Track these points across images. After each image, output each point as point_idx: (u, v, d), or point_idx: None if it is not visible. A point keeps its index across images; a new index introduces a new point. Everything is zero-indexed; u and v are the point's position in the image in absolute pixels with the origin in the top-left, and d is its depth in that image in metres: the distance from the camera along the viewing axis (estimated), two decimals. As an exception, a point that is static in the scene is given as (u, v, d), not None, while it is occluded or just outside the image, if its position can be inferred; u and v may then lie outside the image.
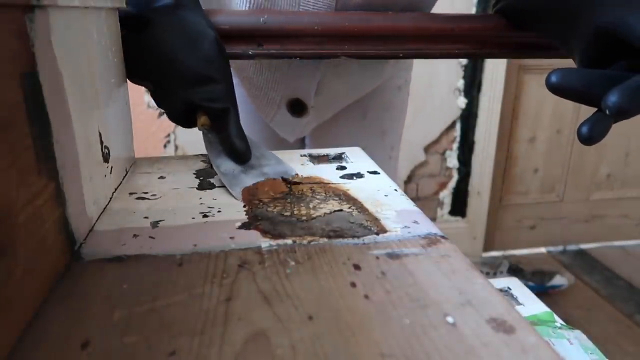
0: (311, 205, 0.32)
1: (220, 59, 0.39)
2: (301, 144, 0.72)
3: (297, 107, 0.60)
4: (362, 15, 0.47)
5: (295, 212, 0.31)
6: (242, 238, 0.27)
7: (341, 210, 0.32)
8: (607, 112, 0.30)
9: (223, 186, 0.36)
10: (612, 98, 0.30)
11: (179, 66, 0.37)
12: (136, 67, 0.39)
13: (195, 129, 0.40)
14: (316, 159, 0.43)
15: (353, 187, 0.35)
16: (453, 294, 0.22)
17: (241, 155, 0.38)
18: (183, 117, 0.39)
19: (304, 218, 0.30)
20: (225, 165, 0.37)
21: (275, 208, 0.32)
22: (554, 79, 0.33)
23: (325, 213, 0.31)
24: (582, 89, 0.33)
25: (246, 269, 0.24)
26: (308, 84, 0.57)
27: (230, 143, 0.37)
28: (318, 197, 0.34)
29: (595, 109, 0.33)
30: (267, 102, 0.61)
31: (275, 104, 0.61)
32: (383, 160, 0.68)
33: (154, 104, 1.38)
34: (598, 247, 1.88)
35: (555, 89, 0.33)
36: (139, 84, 0.41)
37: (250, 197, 0.33)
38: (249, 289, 0.22)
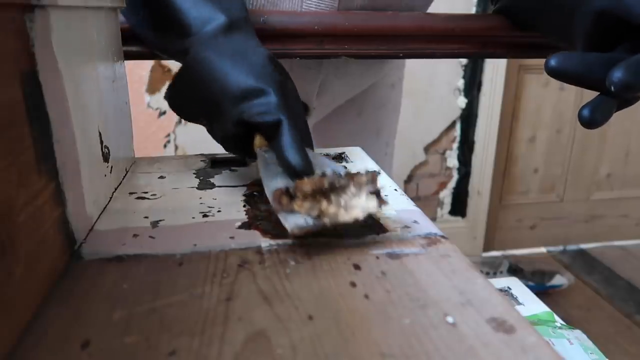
0: (342, 203, 0.27)
1: (271, 69, 0.34)
2: None
3: None
4: (362, 15, 0.47)
5: (323, 209, 0.26)
6: (242, 238, 0.27)
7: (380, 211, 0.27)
8: (613, 88, 0.29)
9: (223, 186, 0.36)
10: (617, 74, 0.29)
11: (223, 82, 0.33)
12: (185, 100, 0.36)
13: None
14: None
15: (353, 187, 0.35)
16: (453, 293, 0.22)
17: (297, 170, 0.30)
18: (237, 141, 0.34)
19: (326, 220, 0.26)
20: (275, 183, 0.29)
21: (302, 207, 0.26)
22: (553, 62, 0.32)
23: (357, 218, 0.26)
24: (583, 72, 0.32)
25: (246, 268, 0.24)
26: (310, 86, 0.57)
27: (283, 158, 0.30)
28: (349, 191, 0.27)
29: (597, 94, 0.33)
30: None
31: None
32: (379, 157, 0.68)
33: (154, 104, 1.39)
34: (598, 247, 1.88)
35: (555, 72, 0.33)
36: (194, 122, 0.37)
37: (282, 197, 0.27)
38: (249, 289, 0.22)
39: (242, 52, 0.35)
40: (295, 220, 0.26)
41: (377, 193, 0.27)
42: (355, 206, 0.26)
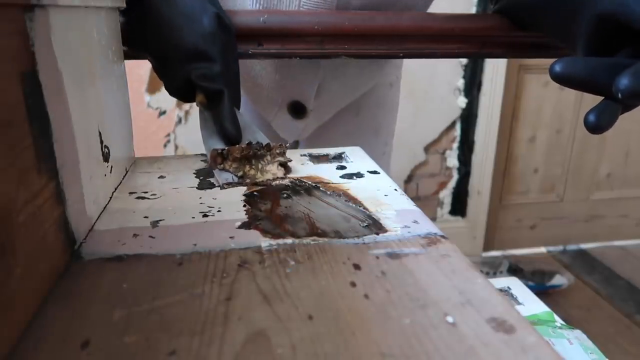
0: (259, 167, 0.36)
1: (220, 37, 0.39)
2: (295, 143, 0.72)
3: (297, 110, 0.60)
4: (362, 14, 0.47)
5: (246, 171, 0.36)
6: (242, 237, 0.27)
7: (285, 177, 0.36)
8: (619, 95, 0.29)
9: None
10: (624, 81, 0.29)
11: (176, 41, 0.37)
12: (137, 40, 0.40)
13: (195, 129, 0.40)
14: (316, 159, 0.43)
15: (353, 187, 0.35)
16: (453, 293, 0.22)
17: (231, 138, 0.38)
18: (181, 92, 0.40)
19: (247, 180, 0.35)
20: (213, 144, 0.38)
21: (231, 167, 0.36)
22: (557, 68, 0.32)
23: (268, 179, 0.35)
24: (587, 77, 0.32)
25: (246, 268, 0.24)
26: (308, 87, 0.57)
27: (221, 125, 0.38)
28: (266, 159, 0.37)
29: (602, 98, 0.33)
30: (268, 102, 0.61)
31: (276, 105, 0.61)
32: (377, 156, 0.68)
33: (154, 104, 1.39)
34: (598, 247, 1.88)
35: (560, 78, 0.33)
36: (141, 56, 0.42)
37: (217, 157, 0.36)
38: (249, 289, 0.22)
39: (192, 8, 0.39)
40: (225, 177, 0.35)
41: (284, 164, 0.37)
42: (268, 171, 0.36)
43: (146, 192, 0.34)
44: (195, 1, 0.39)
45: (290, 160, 0.38)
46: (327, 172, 0.39)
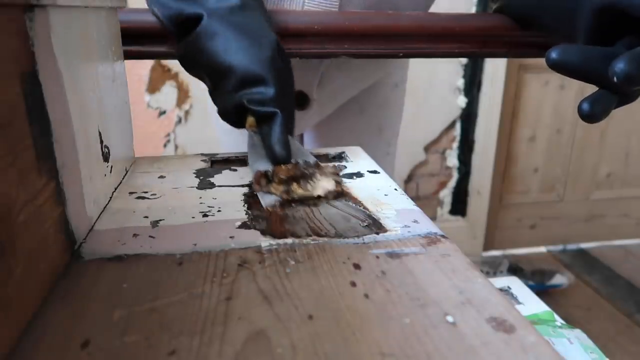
0: (309, 187, 0.33)
1: (276, 62, 0.38)
2: (300, 139, 0.72)
3: (300, 100, 0.61)
4: (362, 14, 0.47)
5: (293, 189, 0.33)
6: (242, 237, 0.27)
7: (338, 191, 0.33)
8: (615, 79, 0.29)
9: (223, 186, 0.36)
10: (620, 64, 0.29)
11: (232, 65, 0.37)
12: (192, 63, 0.40)
13: (195, 129, 0.40)
14: (316, 158, 0.43)
15: (353, 187, 0.35)
16: (453, 293, 0.22)
17: (279, 159, 0.35)
18: (233, 117, 0.39)
19: (294, 196, 0.32)
20: (258, 165, 0.36)
21: (277, 190, 0.33)
22: (554, 55, 0.32)
23: (319, 195, 0.33)
24: (584, 65, 0.32)
25: (246, 268, 0.24)
26: (311, 76, 0.58)
27: (270, 146, 0.36)
28: (315, 177, 0.34)
29: (597, 88, 0.33)
30: None
31: None
32: (380, 156, 0.68)
33: (154, 104, 1.39)
34: (598, 247, 1.88)
35: (556, 65, 0.33)
36: (197, 78, 0.42)
37: (261, 178, 0.34)
38: (249, 288, 0.22)
39: (252, 33, 0.38)
40: (269, 200, 0.32)
41: (338, 183, 0.34)
42: (318, 188, 0.33)
43: (146, 192, 0.34)
44: (256, 25, 0.39)
45: (343, 182, 0.36)
46: (327, 172, 0.39)
